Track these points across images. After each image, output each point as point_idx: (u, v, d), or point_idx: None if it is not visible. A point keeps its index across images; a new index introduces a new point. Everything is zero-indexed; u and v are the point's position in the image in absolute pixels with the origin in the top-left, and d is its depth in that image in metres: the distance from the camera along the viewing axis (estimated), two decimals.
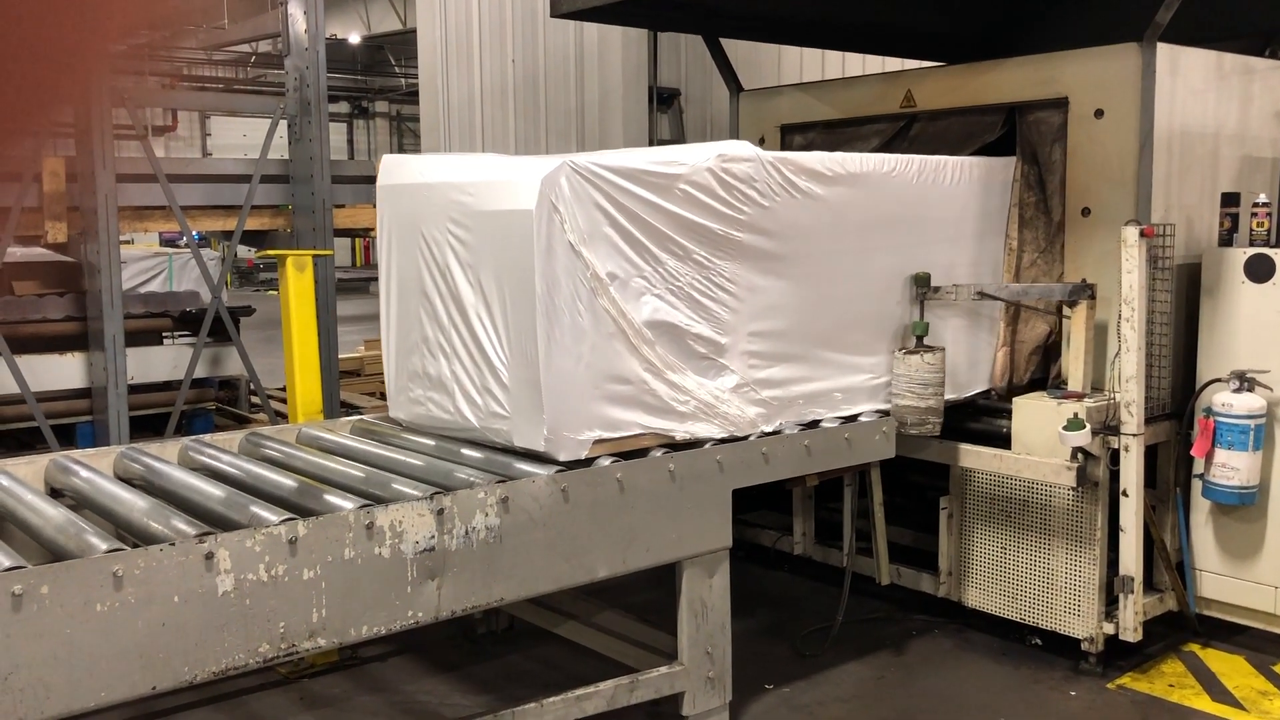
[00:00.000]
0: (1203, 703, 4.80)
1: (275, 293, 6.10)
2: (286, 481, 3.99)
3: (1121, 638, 5.02)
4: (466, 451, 4.39)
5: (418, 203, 4.53)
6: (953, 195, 5.27)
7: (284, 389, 7.67)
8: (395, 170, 4.74)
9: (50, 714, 3.02)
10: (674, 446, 4.32)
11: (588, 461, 4.11)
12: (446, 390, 4.43)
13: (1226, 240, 5.23)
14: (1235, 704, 4.78)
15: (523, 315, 4.02)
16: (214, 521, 3.51)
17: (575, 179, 3.99)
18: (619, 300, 4.12)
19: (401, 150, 31.98)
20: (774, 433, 4.64)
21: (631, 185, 4.12)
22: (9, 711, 2.93)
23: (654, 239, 4.21)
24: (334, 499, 3.68)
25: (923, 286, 5.13)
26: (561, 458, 4.04)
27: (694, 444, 4.37)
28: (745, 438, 4.52)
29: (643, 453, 4.24)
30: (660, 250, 4.23)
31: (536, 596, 4.40)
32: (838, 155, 4.84)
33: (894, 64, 7.55)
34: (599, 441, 4.12)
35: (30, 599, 2.95)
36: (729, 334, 4.47)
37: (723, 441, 4.46)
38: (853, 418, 4.96)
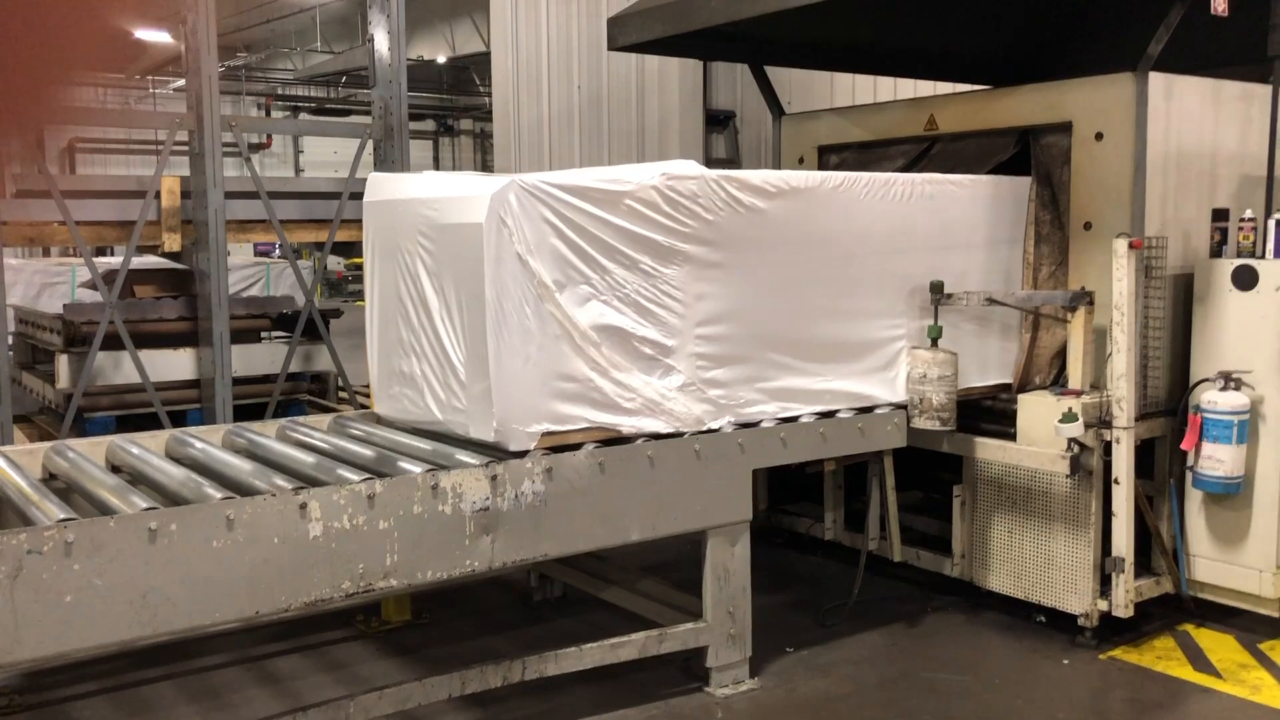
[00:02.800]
0: (1185, 672, 5.27)
1: (363, 303, 6.82)
2: (366, 452, 4.71)
3: (1114, 613, 5.49)
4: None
5: (395, 217, 4.97)
6: (907, 210, 5.55)
7: (368, 386, 8.47)
8: (379, 188, 5.21)
9: (176, 628, 3.76)
10: (620, 440, 4.70)
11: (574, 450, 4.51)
12: (416, 387, 4.86)
13: (1216, 252, 5.69)
14: (1215, 674, 5.24)
15: (477, 318, 4.42)
16: (307, 480, 4.21)
17: (523, 195, 4.39)
18: (565, 305, 4.50)
19: (485, 166, 33.01)
20: (714, 430, 4.96)
21: (578, 201, 4.51)
22: (145, 622, 3.66)
23: (600, 250, 4.58)
24: (406, 465, 4.38)
25: (937, 293, 5.67)
26: (511, 448, 4.43)
27: (640, 438, 4.75)
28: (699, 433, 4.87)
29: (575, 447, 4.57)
30: (607, 260, 4.60)
31: (576, 554, 5.02)
32: (782, 172, 5.20)
33: (945, 87, 8.07)
34: (547, 434, 4.51)
35: (162, 534, 3.67)
36: (675, 337, 4.82)
37: (667, 436, 4.80)
38: (794, 418, 5.24)
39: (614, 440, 4.71)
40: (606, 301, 4.64)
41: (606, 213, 4.60)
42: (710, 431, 4.94)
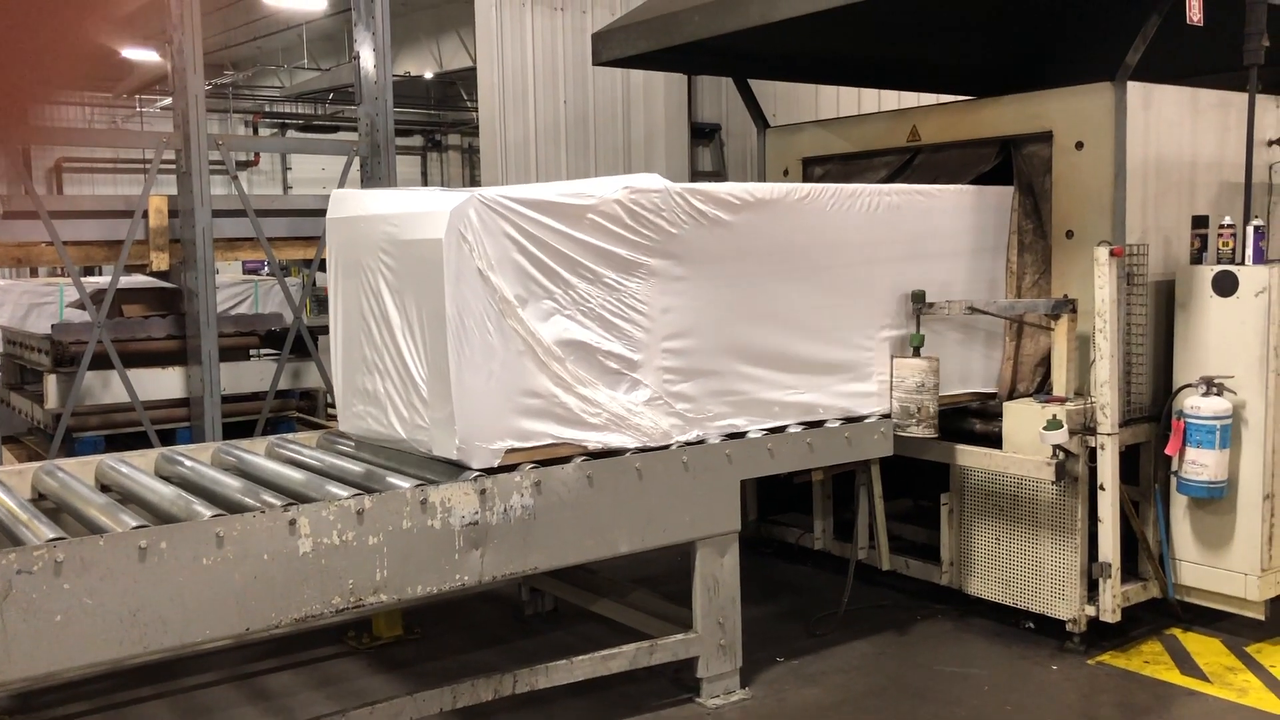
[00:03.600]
0: (1172, 676, 5.30)
1: None
2: (355, 468, 4.73)
3: (1101, 619, 5.53)
4: None
5: (357, 233, 4.91)
6: (876, 221, 5.52)
7: None
8: (341, 204, 5.15)
9: (167, 645, 3.77)
10: (587, 456, 4.67)
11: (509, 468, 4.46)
12: (380, 405, 4.81)
13: (1197, 259, 5.75)
14: (1202, 677, 5.28)
15: (437, 335, 4.39)
16: (296, 497, 4.23)
17: (484, 210, 4.35)
18: (527, 320, 4.47)
19: (473, 181, 33.01)
20: (696, 442, 4.96)
21: (540, 215, 4.48)
22: (136, 640, 3.67)
23: (563, 264, 4.56)
24: (395, 480, 4.40)
25: (918, 302, 5.72)
26: (474, 465, 4.40)
27: (607, 453, 4.72)
28: (663, 447, 4.86)
29: (559, 461, 4.58)
30: (570, 274, 4.58)
31: (566, 567, 5.03)
32: (746, 184, 5.18)
33: (928, 98, 8.12)
34: (511, 450, 4.47)
35: (152, 552, 3.69)
36: (641, 351, 4.79)
37: (641, 450, 4.79)
38: (773, 430, 5.24)
39: (579, 457, 4.65)
40: (570, 316, 4.62)
41: (569, 227, 4.57)
42: (697, 443, 4.96)
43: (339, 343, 5.14)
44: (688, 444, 4.96)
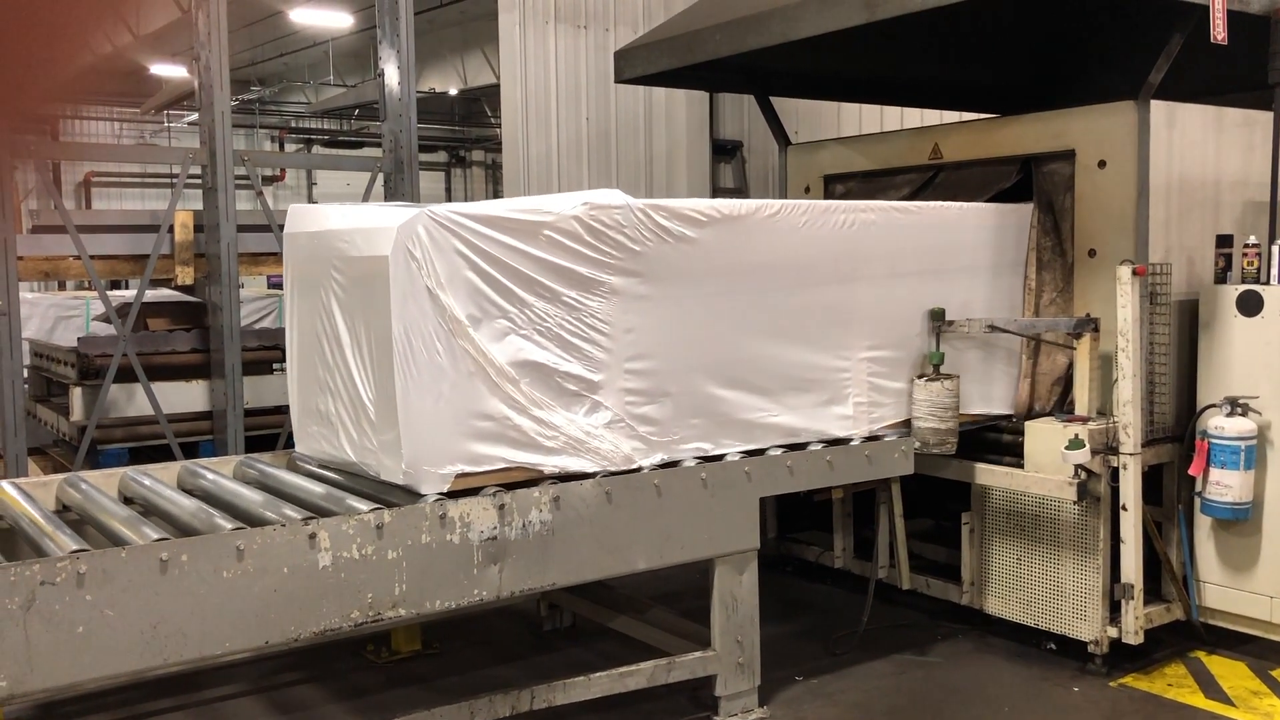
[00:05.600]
0: (1196, 700, 5.25)
1: None
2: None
3: (1124, 640, 5.48)
4: None
5: (311, 250, 4.79)
6: (850, 239, 5.36)
7: None
8: (298, 219, 5.02)
9: (187, 657, 3.79)
10: (537, 481, 4.51)
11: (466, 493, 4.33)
12: (331, 426, 4.71)
13: (1221, 278, 5.71)
14: (1227, 701, 5.22)
15: (385, 355, 4.25)
16: (316, 511, 4.25)
17: (434, 227, 4.21)
18: (479, 341, 4.32)
19: (496, 196, 33.12)
20: (668, 465, 4.81)
21: (494, 232, 4.33)
22: (156, 653, 3.69)
23: (519, 282, 4.40)
24: None
25: (938, 320, 5.71)
26: (423, 490, 4.27)
27: (564, 478, 4.55)
28: (624, 472, 4.70)
29: (514, 486, 4.44)
30: (526, 293, 4.42)
31: (584, 583, 5.02)
32: (713, 200, 4.97)
33: (950, 116, 8.12)
34: (461, 475, 4.34)
35: (174, 565, 3.72)
36: (602, 372, 4.64)
37: (606, 475, 4.65)
38: (754, 452, 5.08)
39: (534, 481, 4.54)
40: (527, 336, 4.47)
41: (524, 244, 4.43)
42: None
43: (295, 362, 5.04)
44: (710, 459, 4.95)
